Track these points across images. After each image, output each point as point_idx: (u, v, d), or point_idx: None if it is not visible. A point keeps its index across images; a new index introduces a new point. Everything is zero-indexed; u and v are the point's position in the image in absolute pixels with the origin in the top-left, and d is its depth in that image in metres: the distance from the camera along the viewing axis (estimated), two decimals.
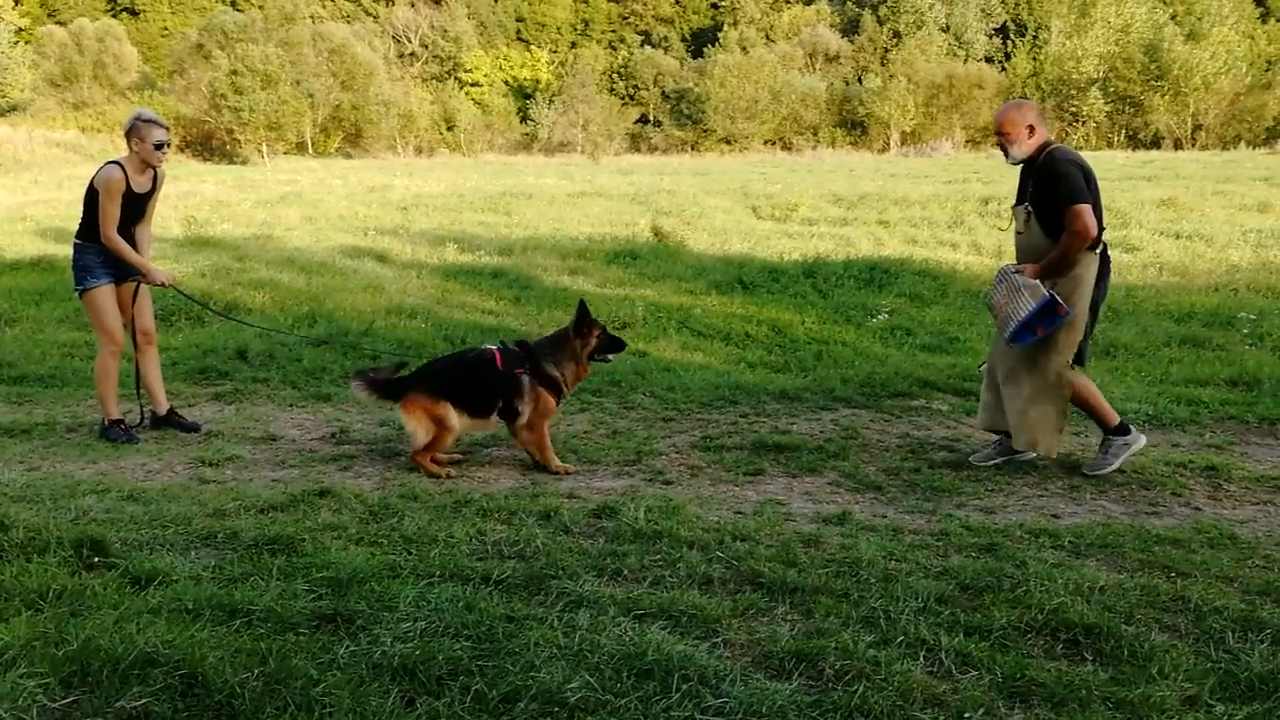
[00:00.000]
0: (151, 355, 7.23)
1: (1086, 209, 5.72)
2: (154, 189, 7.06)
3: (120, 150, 7.03)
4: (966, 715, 3.06)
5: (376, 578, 3.83)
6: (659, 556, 4.28)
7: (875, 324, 11.33)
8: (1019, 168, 6.17)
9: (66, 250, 7.90)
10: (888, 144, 68.27)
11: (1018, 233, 6.19)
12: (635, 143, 74.81)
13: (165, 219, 18.52)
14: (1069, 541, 4.72)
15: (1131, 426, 6.23)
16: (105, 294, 6.94)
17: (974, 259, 15.40)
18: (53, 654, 3.11)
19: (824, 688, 3.18)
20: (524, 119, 78.42)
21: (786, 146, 70.19)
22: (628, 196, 25.63)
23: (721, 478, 5.96)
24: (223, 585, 3.77)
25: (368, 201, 25.17)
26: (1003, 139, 6.02)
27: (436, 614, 3.53)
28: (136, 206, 6.93)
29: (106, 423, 6.93)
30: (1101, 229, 5.90)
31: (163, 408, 7.21)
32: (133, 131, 6.82)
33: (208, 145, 60.44)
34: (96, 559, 3.98)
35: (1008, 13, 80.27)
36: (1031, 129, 5.95)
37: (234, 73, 58.74)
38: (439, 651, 3.23)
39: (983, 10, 79.94)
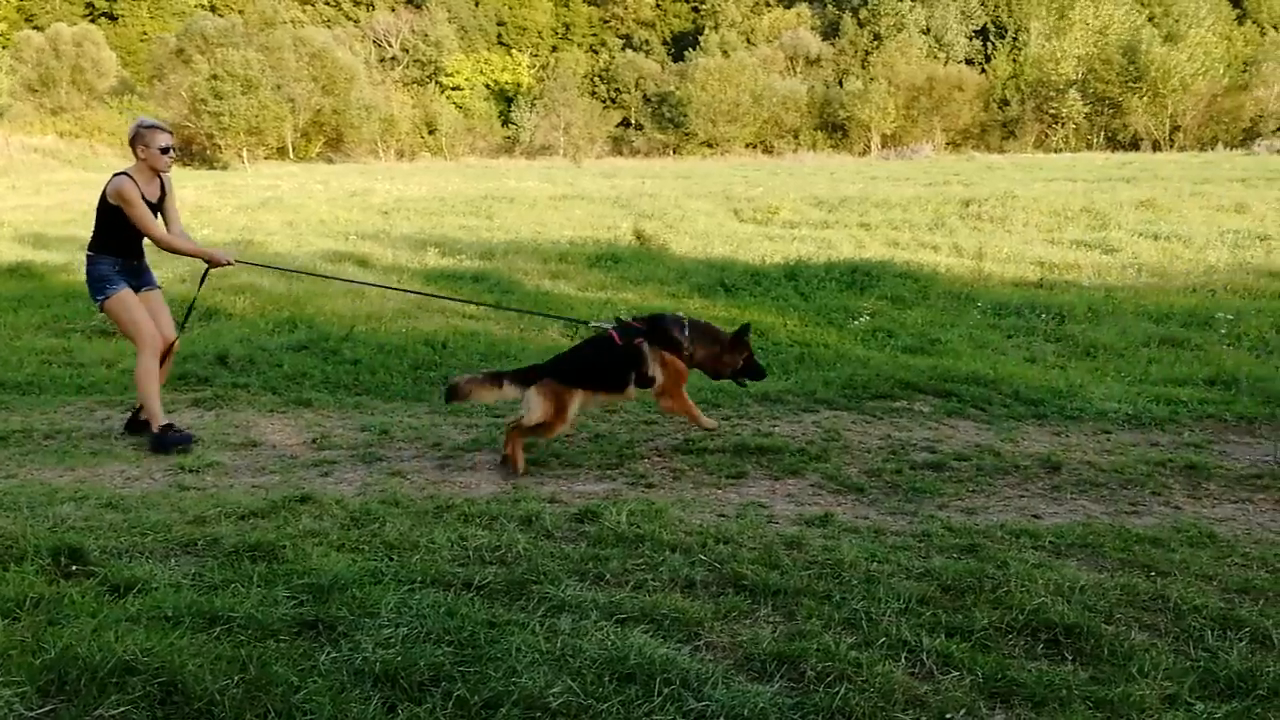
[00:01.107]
0: (165, 365, 7.09)
1: None
2: (164, 194, 6.97)
3: (100, 156, 7.00)
4: (948, 716, 3.07)
5: (358, 584, 3.81)
6: (641, 560, 4.28)
7: (857, 326, 11.35)
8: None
9: (45, 256, 7.88)
10: (868, 146, 68.57)
11: None
12: (617, 146, 74.90)
13: None
14: (1050, 542, 4.73)
15: None
16: (127, 296, 6.85)
17: (955, 261, 15.45)
18: (30, 663, 3.08)
19: (806, 689, 3.18)
20: (505, 122, 78.43)
21: (768, 149, 70.41)
22: (609, 200, 25.63)
23: (704, 481, 5.96)
24: (202, 592, 3.74)
25: (349, 206, 25.09)
26: None
27: (418, 620, 3.52)
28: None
29: (156, 430, 6.70)
30: None
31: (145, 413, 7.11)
32: (137, 139, 6.77)
33: (188, 150, 60.17)
34: (74, 567, 3.96)
35: (987, 15, 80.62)
36: None
37: (214, 77, 58.59)
38: (420, 657, 3.22)
39: (962, 12, 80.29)
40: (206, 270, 7.27)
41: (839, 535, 4.78)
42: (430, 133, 74.65)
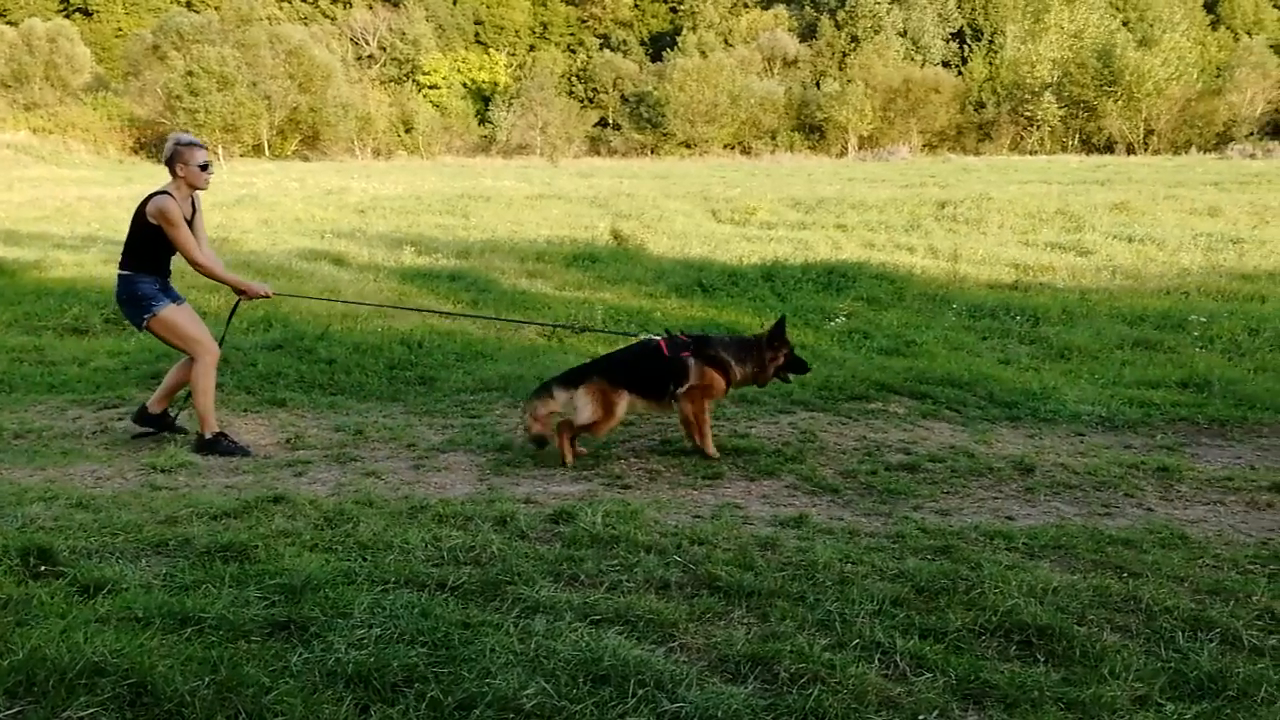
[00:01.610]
0: (192, 369, 6.82)
1: None
2: (194, 213, 6.81)
3: (74, 152, 6.92)
4: (921, 717, 3.07)
5: (331, 584, 3.79)
6: (616, 561, 4.27)
7: (833, 327, 11.39)
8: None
9: (17, 253, 7.77)
10: (845, 148, 68.75)
11: None
12: (594, 146, 74.83)
13: (119, 221, 18.23)
14: (1023, 543, 4.75)
15: None
16: (173, 311, 6.70)
17: (930, 262, 15.52)
18: None
19: (779, 691, 3.18)
20: (482, 121, 78.27)
21: (745, 150, 70.49)
22: (587, 199, 25.61)
23: (680, 482, 5.96)
24: (173, 593, 3.71)
25: (325, 204, 24.96)
26: None
27: (391, 621, 3.50)
28: None
29: (208, 436, 6.62)
30: None
31: (156, 407, 6.98)
32: (176, 157, 6.64)
33: (162, 147, 59.73)
34: (44, 567, 3.91)
35: (964, 17, 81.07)
36: None
37: (189, 74, 58.31)
38: (394, 658, 3.20)
39: (939, 15, 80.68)
40: (237, 302, 7.16)
41: (813, 536, 4.79)
42: (407, 131, 74.41)
